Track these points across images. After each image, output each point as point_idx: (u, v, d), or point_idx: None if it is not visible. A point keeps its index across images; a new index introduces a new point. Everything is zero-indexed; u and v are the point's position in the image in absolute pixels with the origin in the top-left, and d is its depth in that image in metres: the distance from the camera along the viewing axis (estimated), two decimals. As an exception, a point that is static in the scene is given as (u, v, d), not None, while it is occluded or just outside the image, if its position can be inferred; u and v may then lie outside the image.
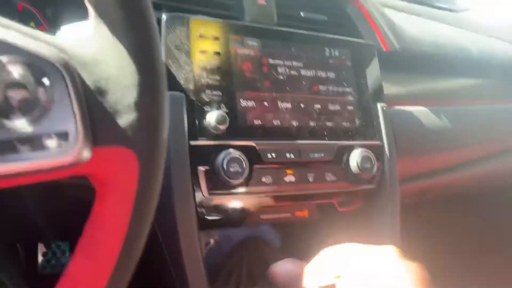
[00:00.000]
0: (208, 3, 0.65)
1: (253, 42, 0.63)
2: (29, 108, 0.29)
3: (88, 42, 0.32)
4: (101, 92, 0.31)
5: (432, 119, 0.82)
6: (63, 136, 0.30)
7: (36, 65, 0.29)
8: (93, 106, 0.30)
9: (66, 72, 0.29)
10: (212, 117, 0.56)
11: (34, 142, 0.29)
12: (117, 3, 0.31)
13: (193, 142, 0.55)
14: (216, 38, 0.60)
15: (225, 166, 0.55)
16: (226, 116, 0.57)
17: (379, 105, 0.72)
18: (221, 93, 0.59)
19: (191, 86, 0.57)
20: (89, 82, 0.30)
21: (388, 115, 0.72)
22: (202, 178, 0.55)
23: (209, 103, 0.58)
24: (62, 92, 0.29)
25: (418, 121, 0.79)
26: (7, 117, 0.29)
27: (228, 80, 0.60)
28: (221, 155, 0.55)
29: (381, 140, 0.71)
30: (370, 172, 0.67)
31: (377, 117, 0.71)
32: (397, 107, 0.78)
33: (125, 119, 0.31)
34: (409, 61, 0.82)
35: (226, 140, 0.57)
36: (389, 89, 0.77)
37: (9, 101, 0.29)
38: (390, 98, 0.76)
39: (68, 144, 0.30)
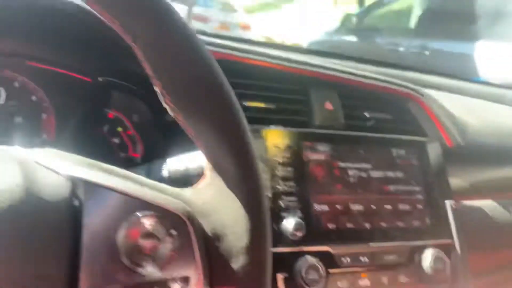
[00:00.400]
0: (281, 111, 0.70)
1: (323, 148, 0.67)
2: (158, 256, 0.33)
3: (205, 192, 0.36)
4: (218, 238, 0.34)
5: (501, 213, 0.81)
6: (185, 280, 0.33)
7: (166, 218, 0.33)
8: (210, 251, 0.34)
9: (190, 223, 0.33)
10: (289, 224, 0.59)
11: (161, 286, 0.33)
12: (229, 159, 0.35)
13: (272, 249, 0.58)
14: (290, 147, 0.64)
15: (303, 274, 0.57)
16: (303, 222, 0.59)
17: (448, 203, 0.72)
18: (296, 199, 0.62)
19: (268, 194, 0.60)
20: (208, 230, 0.34)
21: (457, 212, 0.72)
22: (282, 286, 0.57)
23: (285, 210, 0.61)
24: (186, 241, 0.33)
25: (487, 216, 0.79)
26: (140, 264, 0.33)
27: (302, 186, 0.63)
28: (299, 263, 0.58)
29: (452, 238, 0.71)
30: (443, 272, 0.67)
31: (447, 215, 0.72)
32: (465, 203, 0.78)
33: (238, 262, 0.34)
34: (474, 154, 0.83)
35: (303, 246, 0.59)
36: (455, 183, 0.77)
37: (142, 250, 0.33)
38: (457, 193, 0.76)
39: (189, 287, 0.33)
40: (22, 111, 0.70)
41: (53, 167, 0.35)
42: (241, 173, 0.35)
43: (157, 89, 0.35)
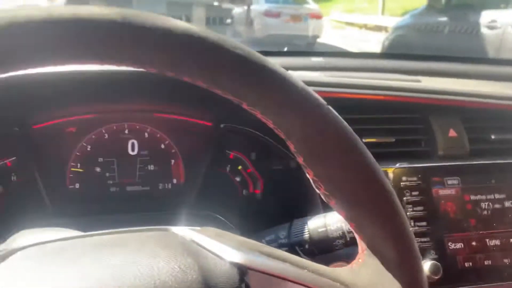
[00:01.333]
0: (401, 143, 0.69)
1: (453, 181, 0.65)
2: None
3: (362, 274, 0.37)
4: None
5: None
6: None
7: None
8: None
9: None
10: (425, 267, 0.58)
11: None
12: (386, 243, 0.35)
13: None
14: (418, 184, 0.63)
15: (447, 320, 0.56)
16: (439, 264, 0.58)
17: None
18: (429, 239, 0.61)
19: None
20: None
21: None
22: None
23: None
24: None
25: None
26: None
27: (435, 225, 0.61)
28: (439, 307, 0.57)
29: None
30: None
31: None
32: None
33: None
34: None
35: (439, 289, 0.58)
36: None
37: None
38: None
39: None
40: (153, 159, 0.77)
41: (220, 253, 0.37)
42: (399, 255, 0.35)
43: (309, 176, 0.36)
